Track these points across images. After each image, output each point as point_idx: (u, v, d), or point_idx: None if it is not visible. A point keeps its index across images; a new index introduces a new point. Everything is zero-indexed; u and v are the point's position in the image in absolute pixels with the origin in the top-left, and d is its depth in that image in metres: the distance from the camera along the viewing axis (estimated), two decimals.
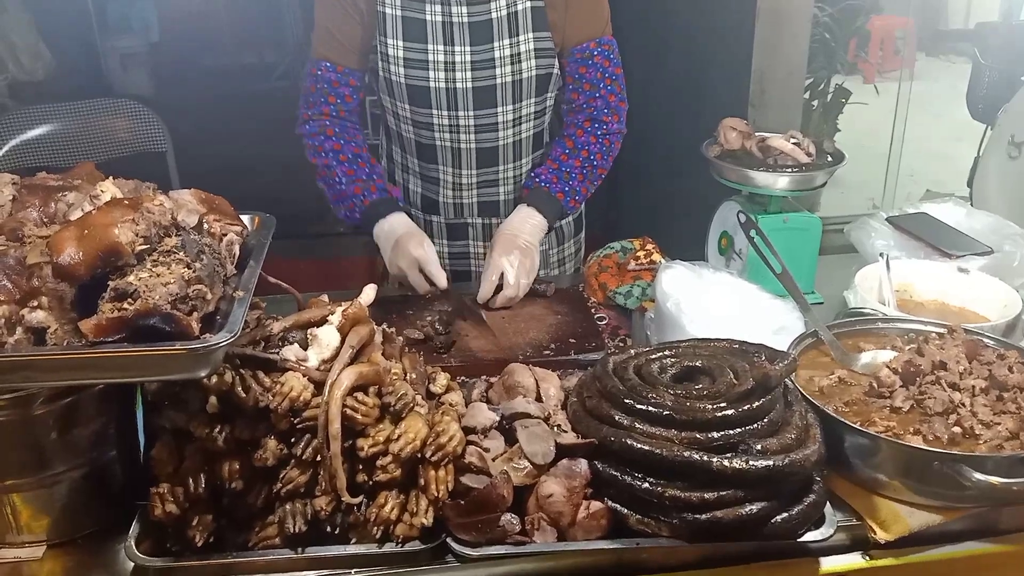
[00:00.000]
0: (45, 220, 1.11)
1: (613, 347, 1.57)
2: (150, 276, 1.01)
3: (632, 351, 1.23)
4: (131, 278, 1.00)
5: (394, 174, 1.95)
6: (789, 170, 1.61)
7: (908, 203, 4.85)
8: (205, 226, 1.18)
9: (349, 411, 1.11)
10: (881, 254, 1.60)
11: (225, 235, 1.19)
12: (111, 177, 1.21)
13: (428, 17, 1.71)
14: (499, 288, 1.68)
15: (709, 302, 1.49)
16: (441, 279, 1.68)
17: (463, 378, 1.40)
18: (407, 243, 1.70)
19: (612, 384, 1.17)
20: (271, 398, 1.10)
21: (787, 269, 1.43)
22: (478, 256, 1.94)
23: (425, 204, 1.91)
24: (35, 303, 0.98)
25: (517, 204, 1.80)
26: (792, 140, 1.64)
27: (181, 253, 1.06)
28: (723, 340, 1.25)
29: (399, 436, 1.12)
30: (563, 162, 1.79)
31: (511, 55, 1.72)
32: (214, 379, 1.09)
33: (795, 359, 1.18)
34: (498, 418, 1.19)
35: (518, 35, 1.71)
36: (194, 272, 1.03)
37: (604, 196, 4.38)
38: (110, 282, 1.01)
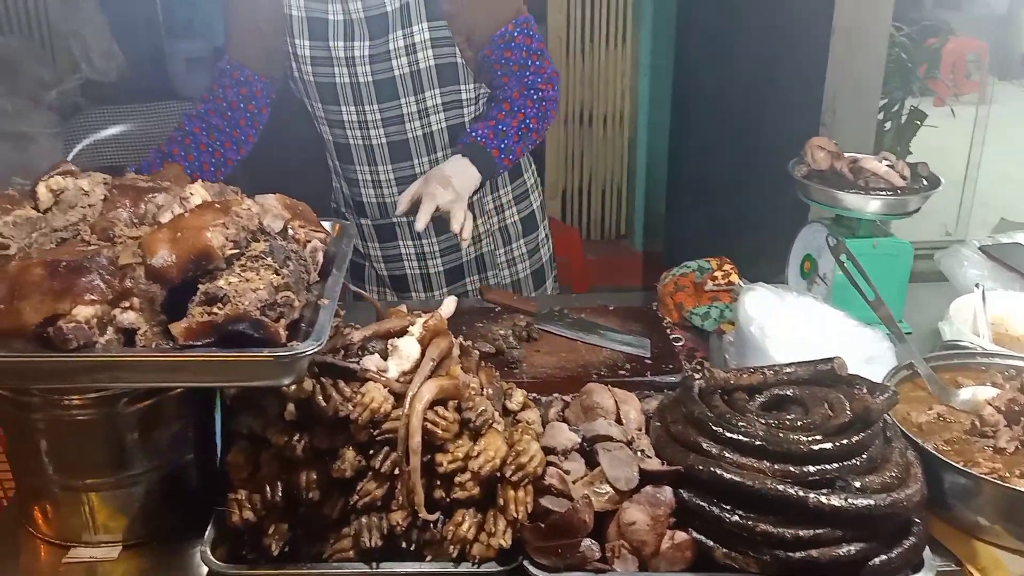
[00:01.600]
0: (135, 221, 1.11)
1: (690, 369, 1.53)
2: (240, 281, 1.00)
3: (717, 375, 1.18)
4: (221, 282, 0.99)
5: (331, 182, 2.01)
6: (882, 193, 1.55)
7: (983, 230, 4.72)
8: (290, 232, 1.17)
9: (429, 425, 1.08)
10: (977, 285, 1.53)
11: (309, 241, 1.18)
12: (199, 180, 1.21)
13: (329, 16, 1.75)
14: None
15: (794, 327, 1.44)
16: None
17: (535, 395, 1.37)
18: None
19: (699, 410, 1.13)
20: (351, 408, 1.08)
21: (880, 296, 1.37)
22: (409, 257, 1.96)
23: (354, 207, 1.95)
24: (127, 304, 0.98)
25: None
26: (886, 162, 1.58)
27: (269, 259, 1.05)
28: (812, 365, 1.20)
29: (478, 453, 1.09)
30: (499, 120, 1.75)
31: (405, 46, 1.74)
32: (294, 386, 1.08)
33: (896, 393, 1.12)
34: (579, 440, 1.16)
35: (411, 25, 1.73)
36: (282, 278, 1.02)
37: (666, 211, 4.34)
38: (200, 285, 1.00)
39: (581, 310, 1.73)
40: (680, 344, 1.62)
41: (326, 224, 1.29)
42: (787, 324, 1.43)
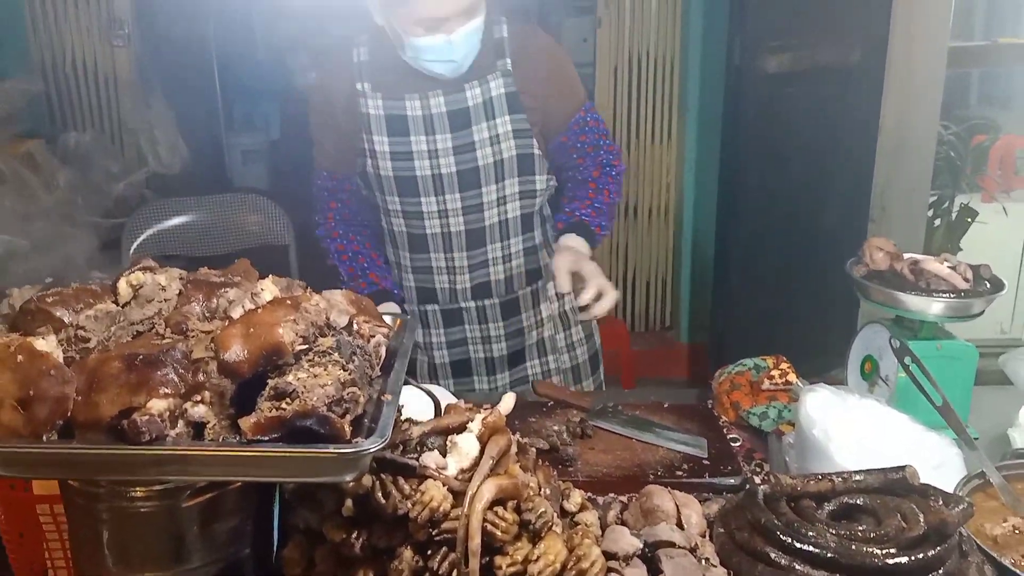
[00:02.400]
0: (208, 315, 1.14)
1: (750, 471, 1.49)
2: (308, 377, 1.01)
3: (784, 481, 1.15)
4: (290, 378, 1.01)
5: (399, 278, 2.05)
6: (945, 296, 1.53)
7: None
8: (355, 327, 1.19)
9: (489, 526, 1.07)
10: None
11: (373, 336, 1.19)
12: (270, 276, 1.24)
13: (408, 112, 1.83)
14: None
15: (857, 430, 1.41)
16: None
17: (591, 495, 1.35)
18: None
19: (766, 518, 1.10)
20: (411, 506, 1.08)
21: (948, 401, 1.34)
22: (474, 340, 1.99)
23: (421, 296, 1.98)
24: (198, 397, 0.99)
25: (559, 235, 1.94)
26: (947, 264, 1.56)
27: (336, 354, 1.06)
28: (882, 473, 1.16)
29: (538, 557, 1.07)
30: (592, 198, 1.92)
31: (490, 137, 1.83)
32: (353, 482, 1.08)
33: (971, 504, 1.08)
34: (640, 545, 1.13)
35: (494, 118, 1.83)
36: (349, 374, 1.03)
37: (712, 304, 4.32)
38: (269, 380, 1.01)
39: (635, 406, 1.71)
40: (738, 445, 1.59)
41: (387, 319, 1.31)
42: (850, 427, 1.40)
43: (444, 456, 1.16)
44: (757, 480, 1.45)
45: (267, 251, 3.00)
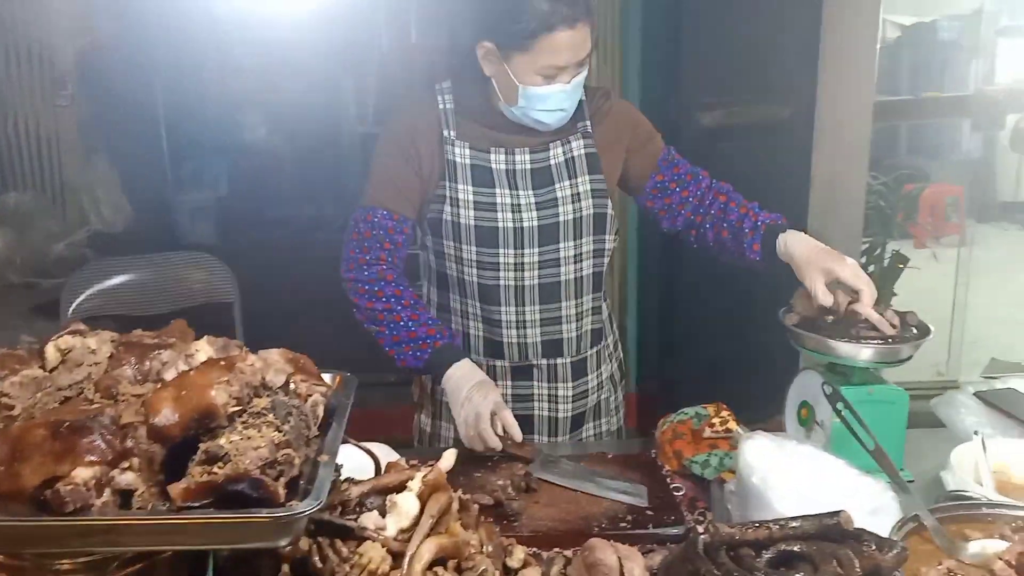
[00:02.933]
0: (139, 378, 1.12)
1: (693, 521, 1.50)
2: (241, 439, 1.00)
3: (722, 530, 1.16)
4: (222, 441, 0.99)
5: (450, 323, 1.97)
6: (875, 342, 1.58)
7: (974, 369, 4.70)
8: (292, 386, 1.18)
9: None
10: (976, 432, 1.54)
11: (310, 395, 1.18)
12: (205, 336, 1.23)
13: (493, 165, 1.83)
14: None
15: (796, 477, 1.42)
16: (517, 431, 1.69)
17: (536, 550, 1.34)
18: (486, 388, 1.73)
19: (705, 568, 1.10)
20: (349, 569, 1.06)
21: (880, 445, 1.37)
22: (541, 398, 1.95)
23: (488, 348, 1.93)
24: (126, 464, 0.97)
25: (767, 238, 1.86)
26: (877, 310, 1.61)
27: (271, 415, 1.05)
28: (817, 519, 1.18)
29: None
30: (751, 209, 1.91)
31: (571, 195, 1.84)
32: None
33: (905, 549, 1.10)
34: None
35: (575, 177, 1.85)
36: (283, 436, 1.02)
37: (659, 354, 4.36)
38: (201, 444, 1.00)
39: (579, 457, 1.72)
40: (681, 494, 1.60)
41: (326, 376, 1.30)
42: (789, 474, 1.42)
43: (384, 516, 1.14)
44: (700, 529, 1.46)
45: (211, 309, 2.95)
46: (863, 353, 1.59)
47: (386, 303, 1.82)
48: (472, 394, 1.71)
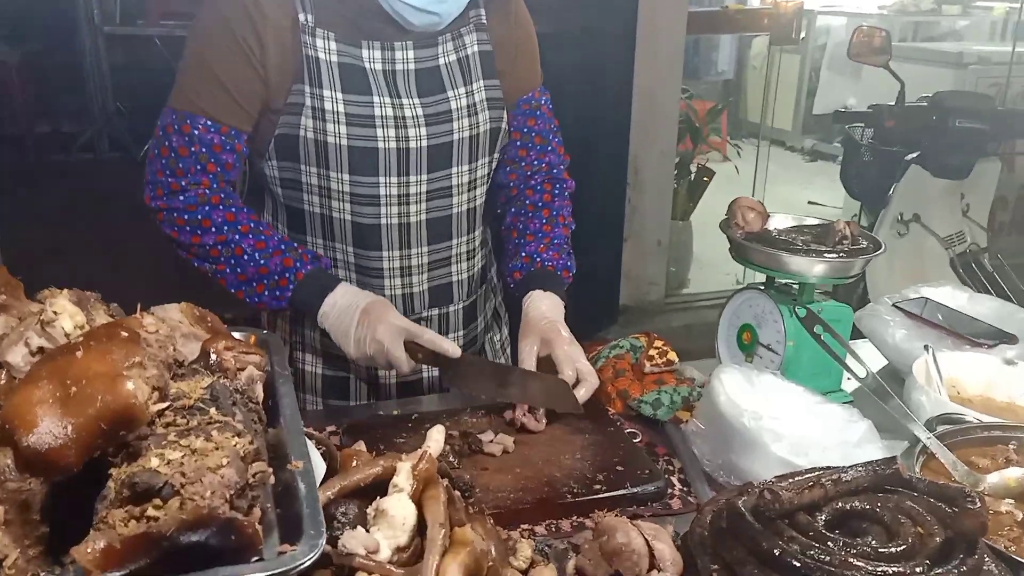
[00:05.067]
0: None
1: (664, 472, 1.31)
2: (184, 455, 0.62)
3: (782, 495, 0.96)
4: (155, 462, 0.61)
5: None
6: (832, 256, 1.45)
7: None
8: (213, 357, 0.80)
9: None
10: (926, 346, 1.47)
11: (242, 369, 0.81)
12: (53, 288, 0.80)
13: (367, 64, 1.40)
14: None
15: (780, 415, 1.28)
16: (452, 346, 1.35)
17: (508, 533, 1.07)
18: (382, 312, 1.36)
19: (770, 542, 0.90)
20: None
21: (873, 373, 1.25)
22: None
23: None
24: None
25: (517, 287, 1.54)
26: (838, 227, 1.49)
27: (213, 410, 0.68)
28: (869, 469, 1.02)
29: None
30: (551, 234, 1.56)
31: (467, 105, 1.46)
32: None
33: (984, 502, 0.96)
34: None
35: (471, 83, 1.47)
36: (250, 443, 0.66)
37: None
38: (114, 471, 0.61)
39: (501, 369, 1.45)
40: (637, 440, 1.39)
41: (237, 336, 0.92)
42: (774, 412, 1.26)
43: (368, 530, 0.82)
44: (736, 492, 1.27)
45: None
46: (816, 269, 1.46)
47: (218, 234, 1.39)
48: (365, 325, 1.36)
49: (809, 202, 6.32)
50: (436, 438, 0.94)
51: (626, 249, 4.10)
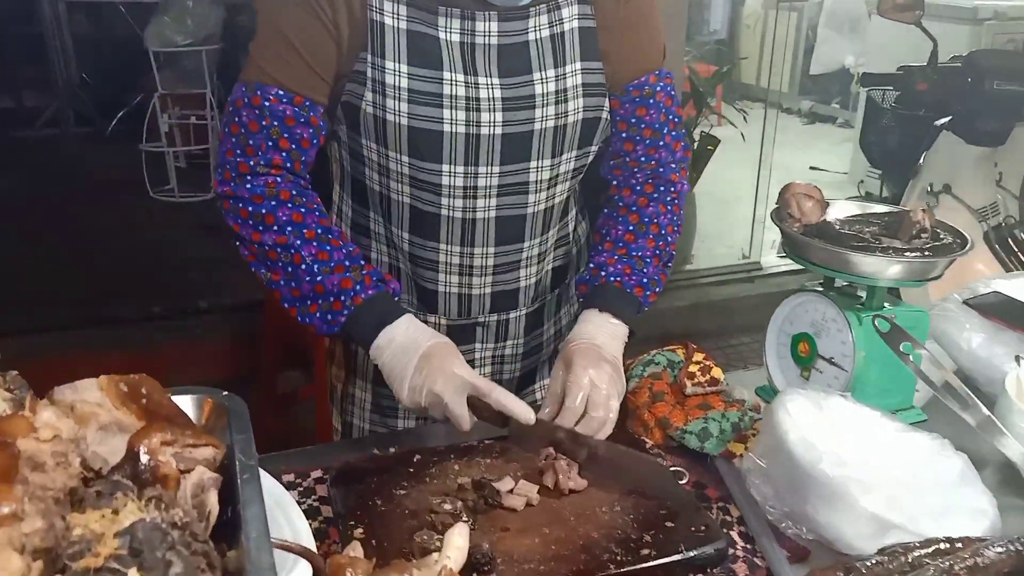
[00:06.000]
0: None
1: (721, 523, 1.09)
2: None
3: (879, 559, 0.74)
4: None
5: (369, 251, 1.37)
6: (910, 255, 1.22)
7: (771, 251, 4.74)
8: (145, 459, 0.56)
9: None
10: (1018, 357, 1.26)
11: (189, 471, 0.57)
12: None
13: (442, 35, 1.19)
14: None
15: (863, 454, 1.06)
16: (526, 412, 1.13)
17: None
18: (445, 360, 1.15)
19: None
20: None
21: (980, 405, 1.03)
22: (484, 362, 1.40)
23: (417, 296, 1.35)
24: None
25: (580, 304, 1.33)
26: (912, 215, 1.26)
27: (133, 570, 0.44)
28: (1009, 546, 0.80)
29: None
30: (631, 244, 1.32)
31: (555, 91, 1.23)
32: None
33: None
34: None
35: (564, 65, 1.23)
36: None
37: None
38: None
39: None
40: (684, 482, 1.17)
41: (185, 404, 0.68)
42: (851, 447, 1.05)
43: None
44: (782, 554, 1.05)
45: None
46: (892, 270, 1.23)
47: (279, 234, 1.19)
48: (424, 372, 1.15)
49: (811, 167, 6.10)
50: (458, 544, 0.71)
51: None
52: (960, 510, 1.01)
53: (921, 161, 2.77)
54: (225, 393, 0.72)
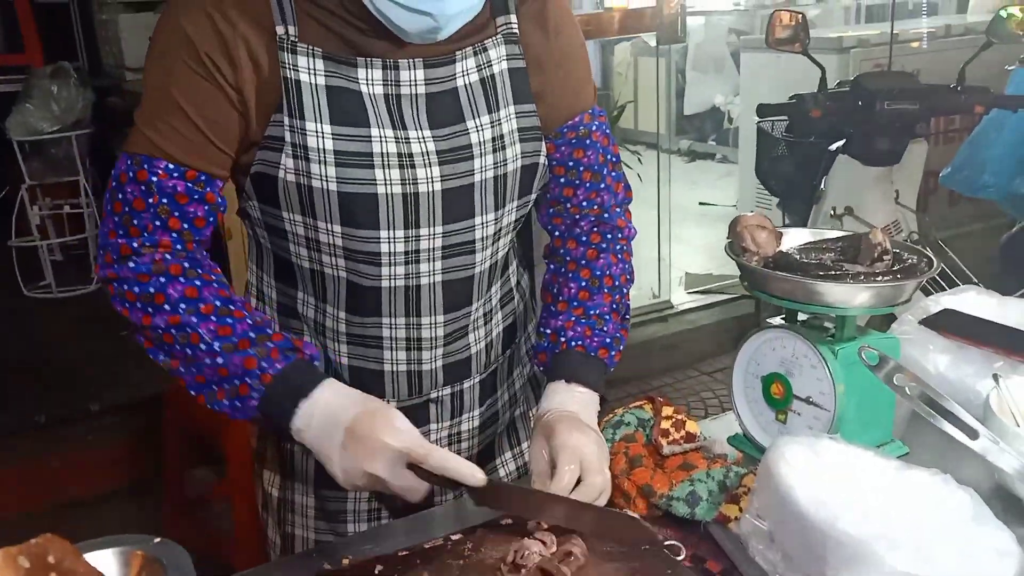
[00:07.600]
0: None
1: None
2: None
3: None
4: None
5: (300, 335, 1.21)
6: (880, 281, 1.15)
7: (679, 289, 4.75)
8: None
9: None
10: (995, 375, 1.20)
11: None
12: None
13: (364, 88, 1.06)
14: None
15: (882, 508, 0.97)
16: (473, 472, 1.00)
17: None
18: (373, 430, 0.99)
19: None
20: None
21: (990, 434, 0.96)
22: (439, 441, 1.25)
23: (360, 381, 1.16)
24: None
25: (545, 376, 1.22)
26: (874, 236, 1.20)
27: None
28: None
29: None
30: (587, 303, 1.22)
31: (492, 138, 1.12)
32: None
33: None
34: None
35: (497, 110, 1.13)
36: None
37: None
38: None
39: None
40: (682, 558, 1.05)
41: (107, 562, 0.51)
42: (882, 506, 0.96)
43: None
44: None
45: None
46: (860, 297, 1.16)
47: (172, 314, 1.03)
48: (351, 451, 0.99)
49: (700, 203, 6.24)
50: None
51: (538, 275, 3.79)
52: (984, 551, 0.93)
53: (823, 186, 2.81)
54: (157, 540, 0.56)
